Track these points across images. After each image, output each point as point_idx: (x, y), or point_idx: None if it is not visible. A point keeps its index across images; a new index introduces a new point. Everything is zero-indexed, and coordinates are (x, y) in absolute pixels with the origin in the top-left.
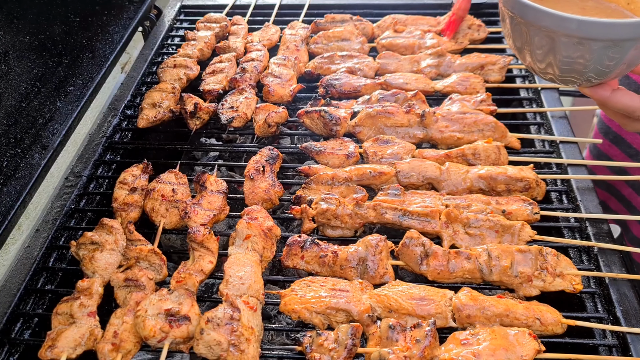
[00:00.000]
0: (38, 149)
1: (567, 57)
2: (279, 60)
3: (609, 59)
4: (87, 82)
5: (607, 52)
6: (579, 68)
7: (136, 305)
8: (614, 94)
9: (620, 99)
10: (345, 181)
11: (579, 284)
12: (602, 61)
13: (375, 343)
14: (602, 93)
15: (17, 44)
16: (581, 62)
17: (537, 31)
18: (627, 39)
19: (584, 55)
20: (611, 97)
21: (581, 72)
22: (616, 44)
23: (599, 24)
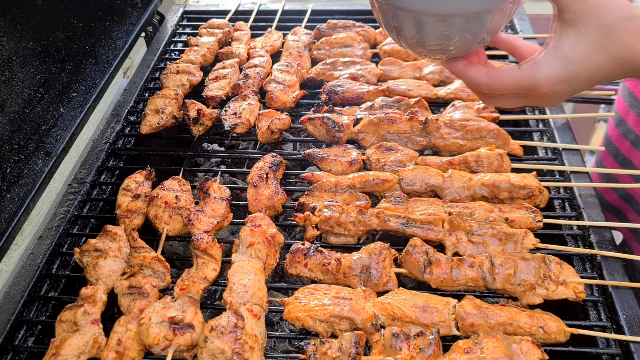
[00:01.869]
0: (41, 155)
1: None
2: (281, 67)
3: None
4: (90, 88)
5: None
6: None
7: (140, 312)
8: (465, 68)
9: (467, 72)
10: (349, 188)
11: (582, 292)
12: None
13: (379, 351)
14: (453, 66)
15: (20, 50)
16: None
17: (402, 13)
18: (453, 14)
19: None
20: (462, 71)
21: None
22: (444, 18)
23: None
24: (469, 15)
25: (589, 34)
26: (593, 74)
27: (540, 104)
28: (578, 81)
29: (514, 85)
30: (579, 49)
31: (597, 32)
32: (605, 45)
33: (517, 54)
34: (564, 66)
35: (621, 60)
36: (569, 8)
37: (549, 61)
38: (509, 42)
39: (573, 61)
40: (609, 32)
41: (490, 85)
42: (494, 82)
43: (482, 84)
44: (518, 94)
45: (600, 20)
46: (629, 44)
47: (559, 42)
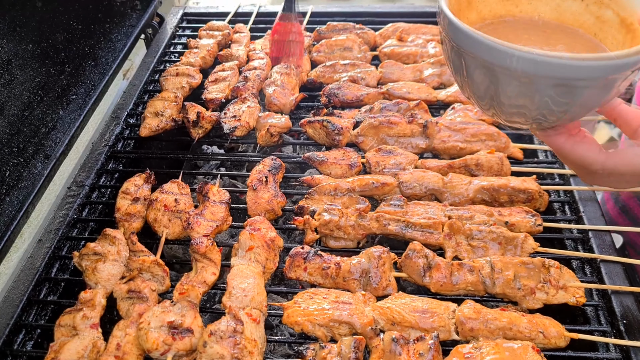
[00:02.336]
0: (41, 158)
1: (509, 95)
2: (281, 69)
3: (556, 102)
4: (89, 91)
5: (552, 92)
6: (523, 111)
7: (139, 317)
8: (569, 141)
9: (576, 149)
10: (348, 192)
11: (582, 296)
12: (549, 104)
13: (379, 356)
14: (555, 139)
15: (19, 52)
16: (524, 104)
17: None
18: (576, 79)
19: (526, 94)
20: (565, 145)
21: (525, 118)
22: (564, 84)
23: (541, 60)
24: (603, 80)
25: None
26: None
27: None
28: None
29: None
30: None
31: None
32: None
33: (620, 124)
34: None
35: None
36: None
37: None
38: (618, 111)
39: None
40: None
41: (608, 164)
42: (615, 161)
43: (597, 162)
44: (634, 176)
45: None
46: None
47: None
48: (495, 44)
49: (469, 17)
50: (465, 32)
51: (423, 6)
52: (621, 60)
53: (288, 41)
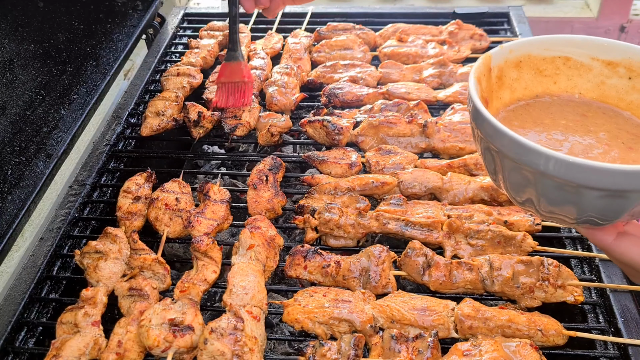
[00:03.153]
0: (42, 157)
1: (550, 200)
2: (281, 69)
3: (607, 209)
4: (91, 90)
5: (602, 201)
6: (566, 214)
7: (140, 314)
8: (618, 240)
9: (626, 250)
10: (348, 191)
11: (580, 295)
12: (597, 210)
13: (378, 354)
14: (603, 238)
15: (21, 52)
16: (568, 209)
17: (509, 162)
18: (630, 190)
19: (570, 201)
20: (614, 245)
21: (569, 219)
22: (616, 194)
23: (588, 168)
24: (609, 191)
25: None
26: None
27: None
28: None
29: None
30: None
31: None
32: None
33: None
34: None
35: None
36: None
37: None
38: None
39: None
40: None
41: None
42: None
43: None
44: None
45: None
46: None
47: None
48: (526, 144)
49: (502, 97)
50: (499, 130)
51: (423, 7)
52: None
53: (237, 82)
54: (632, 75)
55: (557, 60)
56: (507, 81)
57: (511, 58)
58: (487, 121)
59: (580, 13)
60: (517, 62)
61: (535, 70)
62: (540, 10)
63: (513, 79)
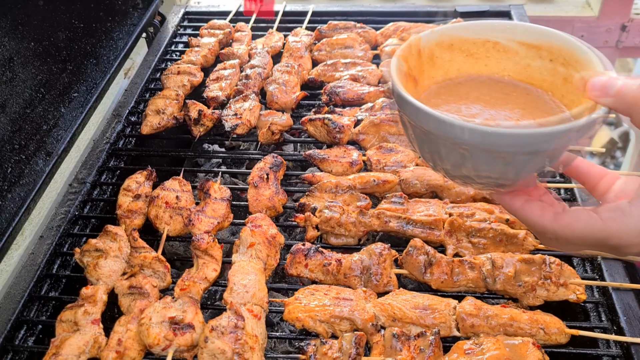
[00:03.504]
0: (42, 155)
1: (450, 162)
2: (282, 68)
3: (495, 169)
4: (91, 89)
5: (494, 163)
6: (466, 175)
7: (140, 312)
8: (524, 205)
9: (529, 214)
10: (349, 189)
11: (582, 293)
12: (491, 171)
13: (379, 352)
14: (511, 202)
15: (21, 51)
16: (466, 169)
17: (412, 125)
18: (511, 152)
19: (463, 161)
20: (520, 209)
21: (472, 180)
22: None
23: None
24: (517, 153)
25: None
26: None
27: (614, 254)
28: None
29: (582, 235)
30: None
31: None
32: None
33: (583, 181)
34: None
35: None
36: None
37: (632, 209)
38: (577, 168)
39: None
40: None
41: (549, 230)
42: (555, 227)
43: (538, 226)
44: (585, 244)
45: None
46: None
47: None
48: (422, 108)
49: (434, 76)
50: (399, 93)
51: (424, 5)
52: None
53: None
54: (553, 58)
55: (487, 43)
56: (439, 62)
57: (443, 41)
58: (395, 88)
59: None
60: (449, 44)
61: (467, 53)
62: (542, 9)
63: (445, 60)
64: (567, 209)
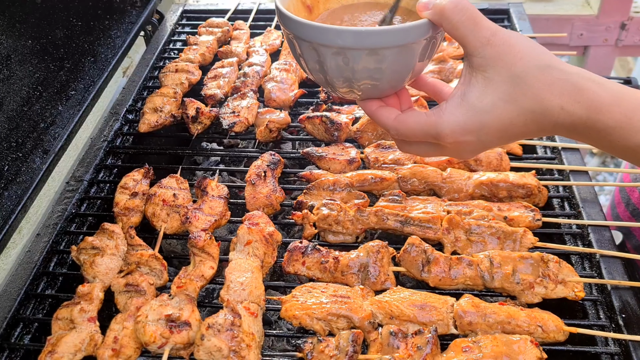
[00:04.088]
0: (39, 153)
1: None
2: (280, 65)
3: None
4: (89, 87)
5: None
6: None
7: (137, 310)
8: (379, 109)
9: (379, 116)
10: (347, 187)
11: (581, 291)
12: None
13: (377, 350)
14: (367, 106)
15: (19, 48)
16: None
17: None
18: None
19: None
20: (373, 113)
21: (354, 87)
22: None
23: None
24: (368, 51)
25: (498, 82)
26: (505, 127)
27: (452, 154)
28: (487, 134)
29: (420, 131)
30: (487, 98)
31: (506, 81)
32: (516, 96)
33: (433, 94)
34: (470, 116)
35: (535, 114)
36: (476, 52)
37: (453, 108)
38: (433, 86)
39: (480, 110)
40: (520, 82)
41: (397, 129)
42: (400, 126)
43: (391, 127)
44: (426, 141)
45: (511, 68)
46: (543, 97)
47: (466, 88)
48: (299, 21)
49: (330, 5)
50: (278, 7)
51: None
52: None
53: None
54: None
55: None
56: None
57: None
58: (278, 9)
59: (581, 10)
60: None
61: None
62: (541, 7)
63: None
64: (411, 112)
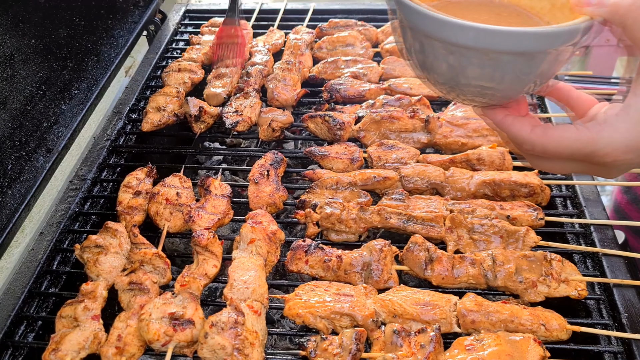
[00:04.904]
0: (43, 152)
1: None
2: (283, 65)
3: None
4: (92, 86)
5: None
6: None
7: (140, 308)
8: (505, 118)
9: (509, 126)
10: (350, 186)
11: (583, 290)
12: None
13: (380, 348)
14: (492, 115)
15: (22, 48)
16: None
17: (422, 37)
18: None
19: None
20: (500, 122)
21: (464, 90)
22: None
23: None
24: (520, 54)
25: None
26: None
27: (599, 173)
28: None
29: (569, 149)
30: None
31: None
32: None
33: (572, 107)
34: (638, 132)
35: None
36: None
37: (619, 123)
38: (561, 91)
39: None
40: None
41: (537, 144)
42: (543, 141)
43: (527, 141)
44: (572, 159)
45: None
46: None
47: (636, 100)
48: (422, 10)
49: None
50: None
51: None
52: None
53: (229, 44)
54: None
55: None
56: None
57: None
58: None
59: None
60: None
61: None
62: None
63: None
64: (555, 125)
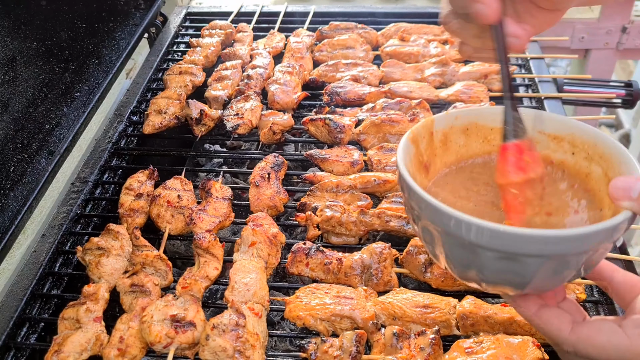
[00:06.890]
0: (44, 154)
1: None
2: (284, 68)
3: (504, 271)
4: (93, 88)
5: (499, 263)
6: (472, 277)
7: (142, 310)
8: (541, 312)
9: (546, 323)
10: (350, 189)
11: (582, 292)
12: (497, 273)
13: (380, 350)
14: (523, 307)
15: (24, 50)
16: (472, 271)
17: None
18: (521, 254)
19: (471, 261)
20: (534, 317)
21: (475, 281)
22: (509, 256)
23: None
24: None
25: None
26: None
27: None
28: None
29: (615, 355)
30: None
31: None
32: None
33: (616, 292)
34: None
35: None
36: None
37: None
38: (604, 272)
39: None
40: None
41: (578, 347)
42: (584, 344)
43: (566, 342)
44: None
45: None
46: None
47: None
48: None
49: (446, 161)
50: (409, 186)
51: (425, 7)
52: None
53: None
54: (575, 151)
55: None
56: (453, 147)
57: (457, 125)
58: (400, 171)
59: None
60: (464, 129)
61: (483, 138)
62: None
63: (460, 145)
64: (588, 319)
